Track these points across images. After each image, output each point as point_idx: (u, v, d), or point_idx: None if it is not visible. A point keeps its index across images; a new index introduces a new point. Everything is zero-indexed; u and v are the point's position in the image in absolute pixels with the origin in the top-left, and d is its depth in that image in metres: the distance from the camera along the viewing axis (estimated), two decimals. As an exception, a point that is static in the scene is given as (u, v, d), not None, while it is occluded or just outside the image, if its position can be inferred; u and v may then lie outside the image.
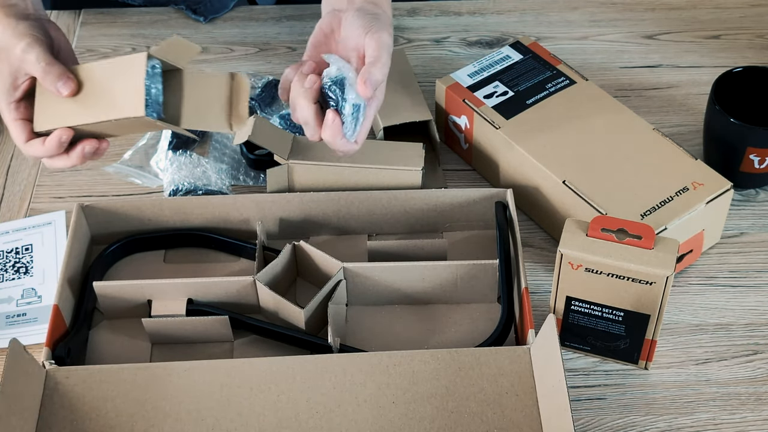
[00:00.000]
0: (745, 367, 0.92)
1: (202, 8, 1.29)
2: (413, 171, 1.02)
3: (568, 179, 0.97)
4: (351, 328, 0.96)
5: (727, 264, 1.01)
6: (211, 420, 0.84)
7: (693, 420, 0.89)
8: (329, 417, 0.84)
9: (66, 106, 0.89)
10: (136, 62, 0.85)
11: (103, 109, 0.87)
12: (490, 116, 1.04)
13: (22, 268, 1.01)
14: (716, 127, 1.04)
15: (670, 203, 0.95)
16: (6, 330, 0.96)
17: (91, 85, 0.88)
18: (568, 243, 0.85)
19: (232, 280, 0.93)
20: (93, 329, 0.96)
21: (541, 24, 1.28)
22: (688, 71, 1.21)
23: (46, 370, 0.87)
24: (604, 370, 0.92)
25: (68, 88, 0.89)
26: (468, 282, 0.95)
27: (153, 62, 0.85)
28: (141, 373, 0.87)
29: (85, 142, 0.91)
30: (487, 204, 1.01)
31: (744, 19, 1.28)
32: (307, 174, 1.03)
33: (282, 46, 1.26)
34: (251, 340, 0.95)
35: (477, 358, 0.87)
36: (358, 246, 1.01)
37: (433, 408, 0.85)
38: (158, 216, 1.00)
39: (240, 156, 1.10)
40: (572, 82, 1.07)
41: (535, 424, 0.84)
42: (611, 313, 0.88)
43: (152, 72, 0.85)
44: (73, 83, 0.89)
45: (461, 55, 1.24)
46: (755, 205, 1.06)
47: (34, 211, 1.07)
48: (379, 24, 0.93)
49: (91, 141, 0.92)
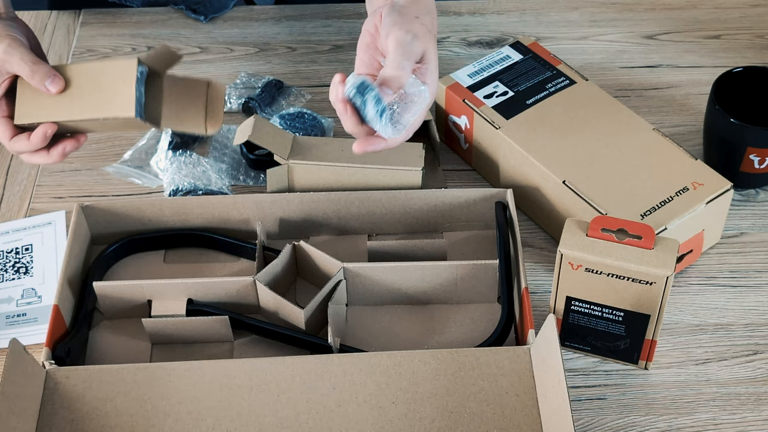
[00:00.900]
0: (745, 367, 0.92)
1: (202, 8, 1.29)
2: (413, 171, 1.02)
3: (568, 179, 0.97)
4: (351, 328, 0.96)
5: (727, 264, 1.01)
6: (211, 420, 0.84)
7: (693, 420, 0.89)
8: (329, 417, 0.84)
9: (49, 102, 0.94)
10: (127, 67, 0.92)
11: (92, 107, 0.92)
12: (490, 116, 1.04)
13: (22, 268, 1.01)
14: (716, 127, 1.04)
15: (670, 203, 0.95)
16: (6, 330, 0.96)
17: (78, 84, 0.93)
18: (568, 243, 0.85)
19: (232, 280, 0.93)
20: (93, 329, 0.96)
21: (541, 24, 1.28)
22: (688, 71, 1.21)
23: (46, 370, 0.87)
24: (604, 370, 0.92)
25: (57, 86, 0.93)
26: (468, 282, 0.95)
27: (141, 68, 0.92)
28: (141, 373, 0.87)
29: (66, 142, 0.96)
30: (487, 204, 1.01)
31: (744, 19, 1.28)
32: (307, 174, 1.03)
33: (282, 46, 1.26)
34: (251, 340, 0.95)
35: (477, 358, 0.87)
36: (358, 246, 1.01)
37: (433, 408, 0.85)
38: (158, 216, 1.00)
39: (240, 156, 1.10)
40: (572, 82, 1.07)
41: (535, 424, 0.84)
42: (611, 313, 0.88)
43: (140, 77, 0.92)
44: (61, 81, 0.93)
45: (461, 55, 1.24)
46: (755, 205, 1.06)
47: (34, 211, 1.07)
48: (401, 20, 0.90)
49: (72, 141, 0.96)
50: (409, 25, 0.90)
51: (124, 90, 0.92)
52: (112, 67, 0.93)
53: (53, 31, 1.28)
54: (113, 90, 0.92)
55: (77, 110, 0.93)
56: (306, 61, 1.24)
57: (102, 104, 0.92)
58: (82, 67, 0.94)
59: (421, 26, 0.91)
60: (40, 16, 1.31)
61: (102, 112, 0.92)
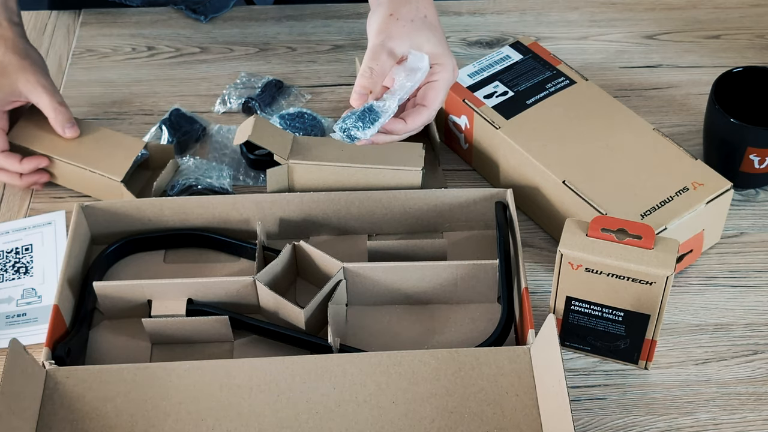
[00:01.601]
0: (745, 367, 0.92)
1: (202, 8, 1.29)
2: (413, 171, 1.02)
3: (568, 179, 0.97)
4: (351, 328, 0.96)
5: (727, 264, 1.01)
6: (211, 420, 0.84)
7: (693, 420, 0.89)
8: (329, 417, 0.84)
9: (50, 137, 1.05)
10: (134, 143, 1.05)
11: (86, 159, 1.03)
12: (490, 116, 1.04)
13: (22, 268, 1.01)
14: (716, 127, 1.04)
15: (670, 203, 0.95)
16: (6, 330, 0.96)
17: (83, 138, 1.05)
18: (568, 243, 0.85)
19: (232, 280, 0.93)
20: (93, 329, 0.96)
21: (541, 24, 1.28)
22: (688, 71, 1.21)
23: (46, 370, 0.87)
24: (604, 370, 0.92)
25: (73, 133, 1.05)
26: (468, 282, 0.95)
27: (144, 152, 1.06)
28: (141, 373, 0.87)
29: (39, 175, 1.05)
30: (487, 204, 1.01)
31: (744, 19, 1.28)
32: (307, 174, 1.03)
33: (282, 46, 1.26)
34: (251, 340, 0.95)
35: (477, 358, 0.87)
36: (358, 246, 1.01)
37: (433, 408, 0.85)
38: (158, 216, 1.00)
39: (240, 156, 1.10)
40: (572, 82, 1.07)
41: (535, 424, 0.84)
42: (611, 313, 0.88)
43: (139, 157, 1.05)
44: (77, 129, 1.05)
45: (461, 55, 1.24)
46: (755, 205, 1.06)
47: (34, 211, 1.07)
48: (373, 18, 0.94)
49: (45, 175, 1.06)
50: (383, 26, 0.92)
51: (123, 159, 1.03)
52: (121, 138, 1.06)
53: (53, 31, 1.28)
54: (112, 155, 1.04)
55: (72, 156, 1.04)
56: (306, 61, 1.24)
57: (97, 161, 1.03)
58: (92, 126, 1.07)
59: (396, 22, 0.92)
60: (40, 16, 1.31)
61: (94, 166, 1.03)
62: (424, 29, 0.93)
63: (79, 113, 1.17)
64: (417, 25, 0.93)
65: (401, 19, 0.92)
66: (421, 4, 0.95)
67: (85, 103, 1.18)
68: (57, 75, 1.22)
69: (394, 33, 0.92)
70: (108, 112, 1.17)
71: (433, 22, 0.95)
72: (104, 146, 1.05)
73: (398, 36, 0.92)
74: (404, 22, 0.92)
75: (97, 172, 1.03)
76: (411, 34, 0.92)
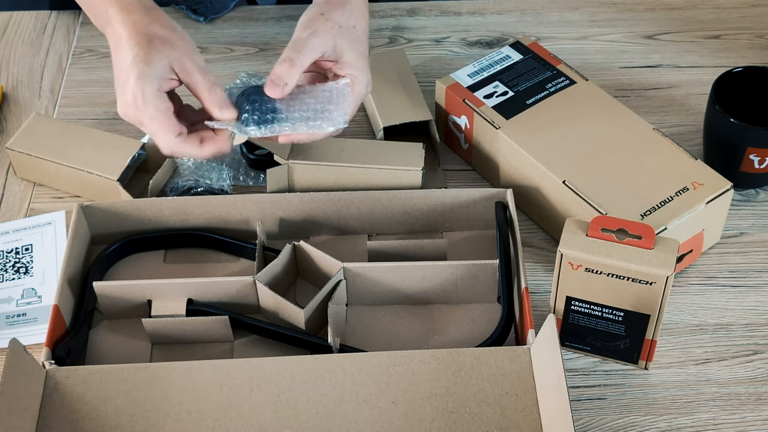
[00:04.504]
0: (745, 367, 0.92)
1: (202, 8, 1.29)
2: (413, 171, 1.02)
3: (568, 179, 0.97)
4: (351, 328, 0.96)
5: (727, 264, 1.01)
6: (211, 420, 0.84)
7: (693, 420, 0.89)
8: (329, 417, 0.84)
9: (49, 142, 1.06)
10: (130, 143, 1.06)
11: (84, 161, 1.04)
12: (490, 116, 1.04)
13: (22, 268, 1.01)
14: (716, 127, 1.04)
15: (670, 203, 0.95)
16: (6, 330, 0.96)
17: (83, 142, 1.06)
18: (568, 243, 0.85)
19: (232, 280, 0.93)
20: (93, 329, 0.96)
21: (541, 24, 1.28)
22: (688, 71, 1.21)
23: (46, 370, 0.87)
24: (604, 370, 0.92)
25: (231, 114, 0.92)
26: (468, 282, 0.95)
27: (141, 152, 1.06)
28: (141, 373, 0.87)
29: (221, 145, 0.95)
30: (487, 204, 1.01)
31: (744, 19, 1.28)
32: (307, 174, 1.03)
33: (282, 46, 1.25)
34: (251, 340, 0.95)
35: (477, 358, 0.87)
36: (358, 246, 1.01)
37: (433, 408, 0.85)
38: (158, 216, 1.00)
39: (240, 156, 1.10)
40: (572, 82, 1.07)
41: (535, 424, 0.84)
42: (611, 313, 0.88)
43: (136, 157, 1.05)
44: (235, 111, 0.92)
45: (461, 55, 1.24)
46: (755, 205, 1.06)
47: (34, 211, 1.07)
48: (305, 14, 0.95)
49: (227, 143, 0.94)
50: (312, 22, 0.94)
51: (121, 159, 1.04)
52: (116, 139, 1.06)
53: (53, 31, 1.28)
54: (108, 156, 1.04)
55: (68, 159, 1.04)
56: (306, 61, 1.24)
57: (93, 162, 1.04)
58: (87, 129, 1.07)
59: (326, 22, 0.94)
60: (40, 16, 1.31)
61: (90, 167, 1.03)
62: (350, 37, 0.95)
63: (79, 113, 1.17)
64: (344, 31, 0.95)
65: (330, 20, 0.94)
66: (355, 15, 0.96)
67: (85, 103, 1.18)
68: (57, 75, 1.22)
69: (320, 31, 0.93)
70: (108, 112, 1.17)
71: (361, 35, 0.97)
72: (100, 148, 1.05)
73: (323, 35, 0.93)
74: (333, 24, 0.94)
75: (94, 173, 1.03)
76: (336, 37, 0.94)
